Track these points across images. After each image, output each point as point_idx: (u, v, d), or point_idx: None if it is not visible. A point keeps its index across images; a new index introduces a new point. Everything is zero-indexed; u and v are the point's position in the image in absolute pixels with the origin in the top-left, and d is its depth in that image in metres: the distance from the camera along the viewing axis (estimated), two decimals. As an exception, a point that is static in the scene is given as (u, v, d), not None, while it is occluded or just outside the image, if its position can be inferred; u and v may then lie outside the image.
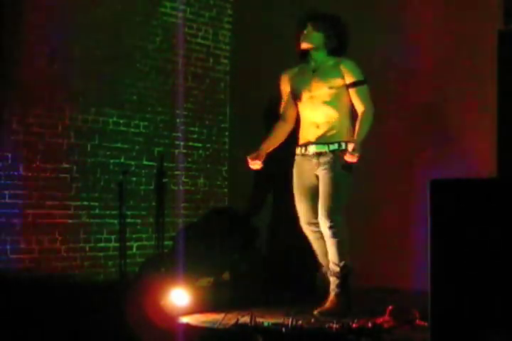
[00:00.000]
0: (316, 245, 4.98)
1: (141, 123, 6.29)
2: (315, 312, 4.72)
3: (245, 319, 4.36)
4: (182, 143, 6.57)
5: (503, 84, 4.90)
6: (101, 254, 5.96)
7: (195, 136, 6.72)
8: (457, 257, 3.36)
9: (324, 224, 4.78)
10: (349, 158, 4.68)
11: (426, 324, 3.79)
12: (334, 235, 4.77)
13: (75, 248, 5.80)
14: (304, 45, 4.90)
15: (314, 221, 4.91)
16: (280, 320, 4.37)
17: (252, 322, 4.27)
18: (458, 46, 5.72)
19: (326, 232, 4.79)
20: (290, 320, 4.25)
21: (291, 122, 5.04)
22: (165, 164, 6.21)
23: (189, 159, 6.66)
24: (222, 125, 6.94)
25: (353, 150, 4.65)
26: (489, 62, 5.26)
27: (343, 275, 4.82)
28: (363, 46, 5.98)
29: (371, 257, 5.88)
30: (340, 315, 4.56)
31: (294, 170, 4.98)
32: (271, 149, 5.02)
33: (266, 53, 6.46)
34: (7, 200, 5.42)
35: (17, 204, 5.47)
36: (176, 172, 6.51)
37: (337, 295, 4.83)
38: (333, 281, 4.85)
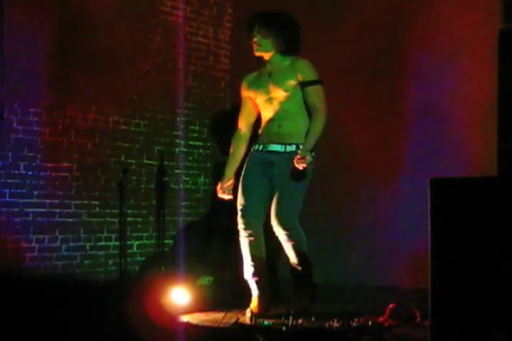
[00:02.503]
0: (246, 242, 4.89)
1: (142, 122, 6.29)
2: (279, 312, 4.68)
3: (246, 318, 4.36)
4: (182, 142, 6.57)
5: (503, 83, 4.89)
6: (101, 253, 5.96)
7: (196, 134, 6.72)
8: (457, 256, 3.36)
9: (278, 228, 4.75)
10: (297, 163, 4.62)
11: (426, 322, 3.79)
12: (288, 239, 4.75)
13: (76, 246, 5.81)
14: (257, 53, 4.94)
15: (255, 216, 4.85)
16: (280, 319, 4.37)
17: (253, 321, 4.28)
18: (458, 45, 5.72)
19: (282, 237, 4.78)
20: (290, 318, 4.25)
21: (249, 131, 5.05)
22: (165, 163, 6.22)
23: (189, 158, 6.66)
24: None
25: (301, 156, 4.61)
26: (490, 61, 5.25)
27: (304, 275, 4.79)
28: (362, 45, 5.98)
29: (371, 256, 5.89)
30: (304, 314, 4.50)
31: (246, 165, 4.94)
32: (235, 170, 5.02)
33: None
34: (7, 199, 5.43)
35: (17, 202, 5.48)
36: (177, 171, 6.51)
37: (298, 294, 4.80)
38: (294, 281, 4.84)
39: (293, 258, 4.80)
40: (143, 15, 6.31)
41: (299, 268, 4.79)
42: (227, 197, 5.00)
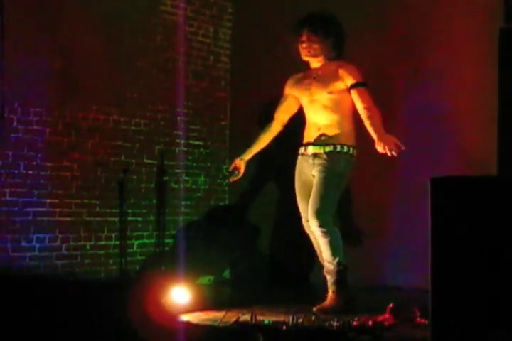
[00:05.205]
0: (315, 243, 5.04)
1: (142, 121, 6.29)
2: (314, 310, 4.76)
3: (246, 317, 4.36)
4: (182, 141, 6.57)
5: (504, 82, 4.90)
6: (101, 252, 5.97)
7: (196, 134, 6.72)
8: (457, 255, 3.36)
9: (313, 224, 4.86)
10: (382, 150, 4.74)
11: (426, 322, 3.79)
12: (324, 234, 4.83)
13: (76, 246, 5.81)
14: (305, 58, 5.03)
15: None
16: (281, 318, 4.37)
17: (253, 320, 4.27)
18: (458, 45, 5.72)
19: (316, 232, 4.87)
20: (291, 318, 4.25)
21: (280, 126, 5.17)
22: (165, 162, 6.21)
23: (190, 157, 6.66)
24: (223, 123, 6.95)
25: (381, 142, 4.72)
26: (490, 60, 5.26)
27: (338, 272, 4.86)
28: (363, 45, 5.98)
29: (371, 256, 5.89)
30: (339, 312, 4.58)
31: (296, 170, 5.09)
32: (252, 155, 5.16)
33: (266, 51, 6.46)
34: (8, 198, 5.43)
35: (18, 202, 5.48)
36: (177, 171, 6.51)
37: (334, 292, 4.87)
38: (328, 279, 4.90)
39: (327, 256, 4.87)
40: (143, 15, 6.31)
41: (331, 266, 4.85)
42: (233, 176, 5.13)
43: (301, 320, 4.25)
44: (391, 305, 4.38)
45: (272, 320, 4.31)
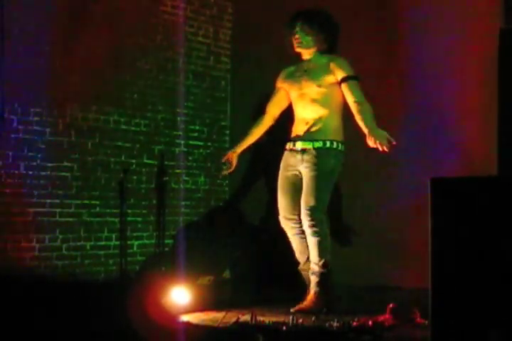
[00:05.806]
0: (293, 241, 5.01)
1: (142, 122, 6.29)
2: (292, 310, 4.73)
3: (246, 317, 4.36)
4: (183, 142, 6.57)
5: (504, 82, 4.90)
6: (102, 253, 5.97)
7: (196, 134, 6.72)
8: (458, 255, 3.36)
9: (305, 223, 4.83)
10: (373, 144, 4.69)
11: (426, 322, 3.79)
12: (315, 234, 4.81)
13: (76, 246, 5.81)
14: (297, 50, 5.04)
15: (292, 216, 4.95)
16: (281, 319, 4.37)
17: (253, 321, 4.27)
18: (458, 45, 5.72)
19: (307, 231, 4.84)
20: (291, 318, 4.25)
21: (271, 119, 5.17)
22: (166, 162, 6.22)
23: (190, 157, 6.66)
24: (223, 123, 6.95)
25: (372, 136, 4.67)
26: (490, 60, 5.26)
27: (323, 274, 4.83)
28: (362, 45, 5.98)
29: (371, 256, 5.89)
30: (317, 314, 4.53)
31: (281, 164, 5.06)
32: (244, 148, 5.17)
33: (266, 51, 6.46)
34: (8, 199, 5.42)
35: (18, 202, 5.48)
36: (177, 171, 6.51)
37: (316, 293, 4.84)
38: (312, 280, 4.87)
39: (313, 256, 4.84)
40: (143, 15, 6.31)
41: (316, 268, 4.83)
42: (224, 169, 5.14)
43: (301, 321, 4.24)
44: (391, 305, 4.38)
45: (272, 321, 4.31)
